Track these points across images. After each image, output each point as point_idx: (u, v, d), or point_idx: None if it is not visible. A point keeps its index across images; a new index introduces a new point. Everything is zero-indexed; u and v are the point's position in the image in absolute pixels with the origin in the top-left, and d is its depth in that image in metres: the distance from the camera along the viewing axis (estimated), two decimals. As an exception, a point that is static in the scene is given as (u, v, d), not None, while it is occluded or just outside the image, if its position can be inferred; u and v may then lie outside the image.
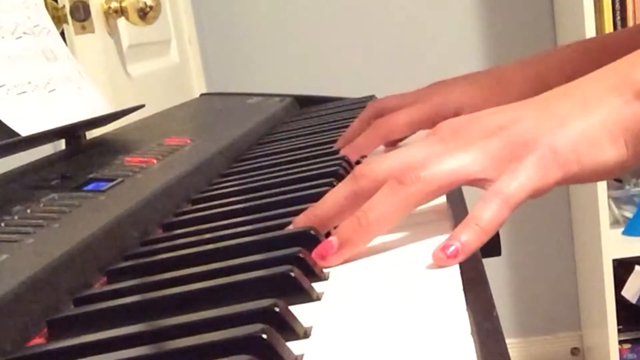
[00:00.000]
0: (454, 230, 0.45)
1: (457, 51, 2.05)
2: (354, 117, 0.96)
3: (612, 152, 0.47)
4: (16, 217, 0.52)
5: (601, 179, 0.49)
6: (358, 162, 0.73)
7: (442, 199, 0.55)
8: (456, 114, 0.77)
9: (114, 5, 1.25)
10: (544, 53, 0.84)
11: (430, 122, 0.77)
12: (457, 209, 0.54)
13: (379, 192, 0.47)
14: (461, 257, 0.43)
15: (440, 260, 0.43)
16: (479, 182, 0.47)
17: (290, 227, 0.51)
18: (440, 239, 0.47)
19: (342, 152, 0.76)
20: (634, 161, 0.48)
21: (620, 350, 1.91)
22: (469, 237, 0.43)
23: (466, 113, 0.76)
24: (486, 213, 0.44)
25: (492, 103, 0.78)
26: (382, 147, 0.79)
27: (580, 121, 0.46)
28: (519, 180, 0.45)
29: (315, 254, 0.47)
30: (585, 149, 0.46)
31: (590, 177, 0.47)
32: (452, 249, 0.43)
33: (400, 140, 0.79)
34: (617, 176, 0.58)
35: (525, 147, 0.46)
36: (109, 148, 0.81)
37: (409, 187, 0.46)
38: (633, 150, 0.47)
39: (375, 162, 0.50)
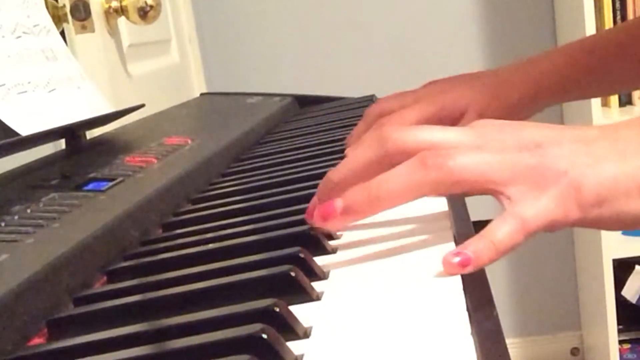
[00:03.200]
0: (465, 240, 0.44)
1: (457, 51, 2.05)
2: (354, 117, 0.96)
3: (638, 205, 0.45)
4: (16, 217, 0.52)
5: (624, 229, 0.47)
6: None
7: (443, 198, 0.55)
8: (461, 113, 0.77)
9: (114, 4, 1.25)
10: (540, 55, 0.84)
11: (436, 121, 0.77)
12: (457, 207, 0.54)
13: (398, 168, 0.46)
14: (470, 268, 0.42)
15: (450, 267, 0.42)
16: (496, 194, 0.46)
17: (315, 198, 0.50)
18: (440, 239, 0.47)
19: (348, 148, 0.75)
20: None
21: (620, 350, 1.91)
22: (482, 250, 0.43)
23: (470, 113, 0.77)
24: (501, 232, 0.44)
25: (494, 105, 0.79)
26: None
27: (612, 166, 0.45)
28: (538, 209, 0.44)
29: (317, 214, 0.46)
30: (610, 195, 0.45)
31: (610, 224, 0.46)
32: (463, 257, 0.42)
33: None
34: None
35: (552, 176, 0.45)
36: (109, 148, 0.81)
37: (429, 172, 0.45)
38: None
39: (408, 131, 0.48)
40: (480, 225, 0.51)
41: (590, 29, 1.71)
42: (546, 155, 0.45)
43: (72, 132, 0.80)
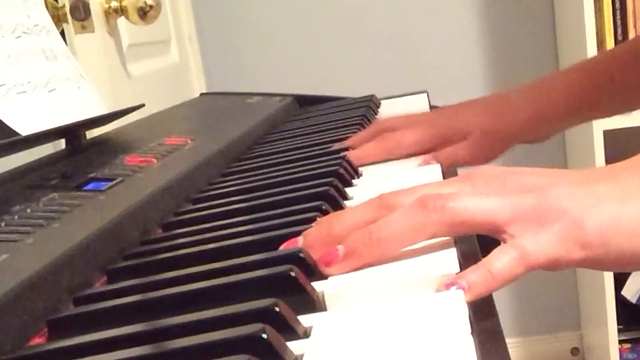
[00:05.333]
0: (463, 270, 0.43)
1: (457, 51, 2.05)
2: (354, 117, 0.96)
3: None
4: (16, 217, 0.52)
5: (630, 270, 0.46)
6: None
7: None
8: (464, 136, 0.77)
9: (114, 4, 1.25)
10: (548, 77, 0.84)
11: (438, 143, 0.77)
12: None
13: (399, 211, 0.46)
14: (467, 298, 0.41)
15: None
16: (500, 233, 0.45)
17: (300, 238, 0.48)
18: (440, 240, 0.47)
19: (346, 156, 0.75)
20: None
21: (620, 350, 1.91)
22: (478, 279, 0.42)
23: (474, 136, 0.77)
24: (500, 262, 0.43)
25: (499, 127, 0.79)
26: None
27: (616, 207, 0.45)
28: (539, 244, 0.44)
29: (320, 259, 0.45)
30: (614, 235, 0.44)
31: (615, 264, 0.45)
32: (458, 287, 0.41)
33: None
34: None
35: (554, 215, 0.44)
36: (109, 147, 0.81)
37: (430, 214, 0.44)
38: None
39: (404, 194, 0.48)
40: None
41: (590, 29, 1.71)
42: (547, 196, 0.45)
43: (72, 132, 0.80)
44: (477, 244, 0.50)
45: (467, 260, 0.46)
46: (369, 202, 0.49)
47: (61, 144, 0.83)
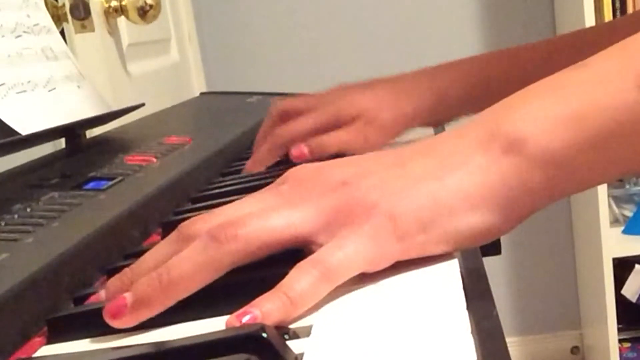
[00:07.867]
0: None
1: (457, 51, 2.04)
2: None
3: (468, 220, 0.40)
4: (16, 216, 0.52)
5: (456, 249, 0.41)
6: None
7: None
8: (356, 118, 0.74)
9: (114, 4, 1.25)
10: (450, 63, 0.80)
11: (331, 127, 0.75)
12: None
13: (189, 248, 0.40)
14: (266, 323, 0.36)
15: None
16: (309, 245, 0.41)
17: (102, 292, 0.43)
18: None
19: (246, 168, 0.74)
20: (506, 227, 0.41)
21: (620, 349, 1.91)
22: (273, 307, 0.37)
23: (366, 118, 0.74)
24: (300, 284, 0.38)
25: (386, 114, 0.75)
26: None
27: (432, 184, 0.40)
28: (346, 252, 0.39)
29: (106, 312, 0.39)
30: (432, 217, 0.40)
31: (439, 247, 0.41)
32: (248, 317, 0.37)
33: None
34: (485, 243, 0.43)
35: (362, 212, 0.40)
36: (109, 147, 0.81)
37: (222, 246, 0.40)
38: (503, 215, 0.41)
39: (203, 222, 0.43)
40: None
41: (590, 28, 1.70)
42: (353, 191, 0.41)
43: (72, 131, 0.80)
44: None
45: (468, 259, 0.46)
46: (170, 236, 0.44)
47: (61, 143, 0.83)
